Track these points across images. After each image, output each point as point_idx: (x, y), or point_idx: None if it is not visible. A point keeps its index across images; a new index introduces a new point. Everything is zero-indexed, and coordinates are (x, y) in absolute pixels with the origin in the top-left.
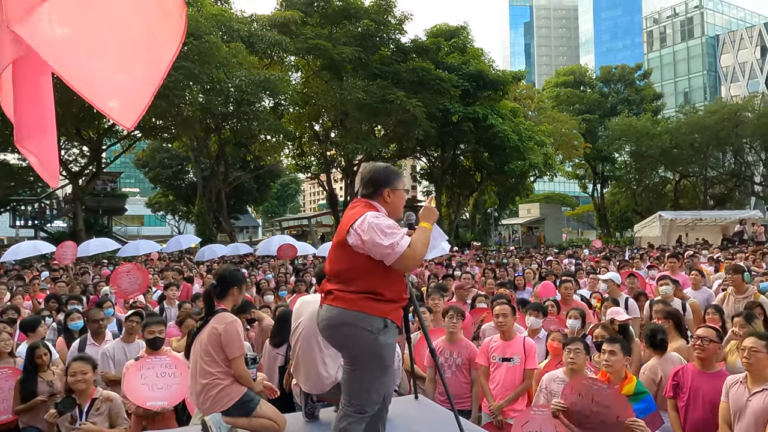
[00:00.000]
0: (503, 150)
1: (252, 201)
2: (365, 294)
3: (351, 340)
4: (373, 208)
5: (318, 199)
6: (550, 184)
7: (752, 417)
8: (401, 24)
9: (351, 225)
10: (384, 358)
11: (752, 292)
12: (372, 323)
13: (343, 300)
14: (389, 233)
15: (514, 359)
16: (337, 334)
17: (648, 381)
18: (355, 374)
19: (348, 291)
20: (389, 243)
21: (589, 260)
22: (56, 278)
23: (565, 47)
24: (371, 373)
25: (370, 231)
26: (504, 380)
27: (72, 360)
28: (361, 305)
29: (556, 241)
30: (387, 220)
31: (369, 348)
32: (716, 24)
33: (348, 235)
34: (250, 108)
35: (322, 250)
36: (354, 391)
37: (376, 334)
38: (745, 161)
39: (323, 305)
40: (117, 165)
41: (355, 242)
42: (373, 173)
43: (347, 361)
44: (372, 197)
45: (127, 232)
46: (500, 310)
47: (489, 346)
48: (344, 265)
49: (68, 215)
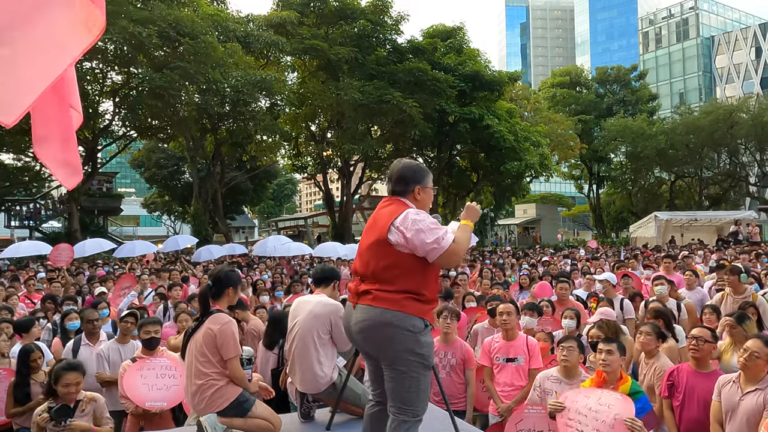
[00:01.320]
0: (499, 150)
1: (248, 201)
2: (407, 294)
3: (392, 340)
4: (405, 205)
5: (314, 200)
6: (546, 185)
7: (744, 416)
8: (397, 24)
9: (392, 222)
10: (425, 357)
11: (750, 292)
12: (414, 323)
13: (384, 300)
14: (434, 229)
15: (518, 359)
16: (378, 334)
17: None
18: (400, 378)
19: (389, 291)
20: (434, 238)
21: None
22: (52, 279)
23: (561, 48)
24: (417, 374)
25: (414, 227)
26: (510, 380)
27: (63, 370)
28: (404, 305)
29: (552, 242)
30: (429, 217)
31: (411, 348)
32: (711, 25)
33: (389, 232)
34: (246, 108)
35: (319, 251)
36: (404, 396)
37: (417, 335)
38: (739, 162)
39: (358, 305)
40: (113, 165)
41: (398, 240)
42: (404, 171)
43: (387, 363)
44: (403, 195)
45: (122, 233)
46: (504, 309)
47: (491, 347)
48: (384, 264)
49: (63, 215)
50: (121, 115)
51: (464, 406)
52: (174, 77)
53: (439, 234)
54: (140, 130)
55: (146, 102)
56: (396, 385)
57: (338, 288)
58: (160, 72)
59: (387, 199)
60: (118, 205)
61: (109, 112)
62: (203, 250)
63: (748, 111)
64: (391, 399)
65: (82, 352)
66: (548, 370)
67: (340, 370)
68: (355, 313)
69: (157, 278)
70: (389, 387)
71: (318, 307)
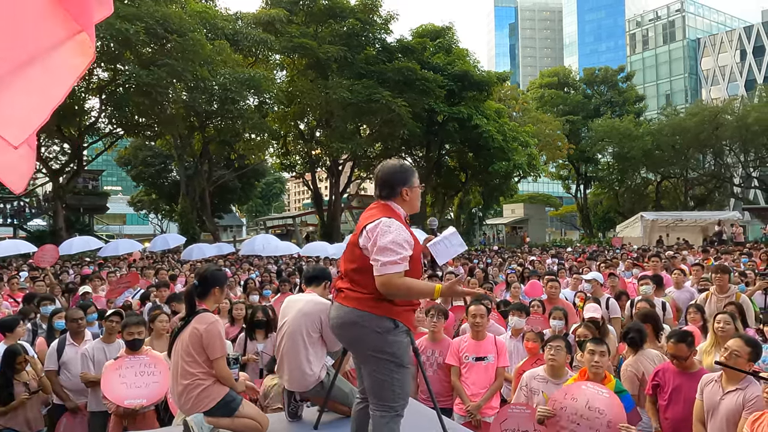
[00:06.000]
0: (488, 150)
1: (236, 200)
2: (373, 295)
3: (360, 339)
4: (390, 210)
5: (303, 199)
6: (534, 185)
7: (724, 415)
8: (387, 24)
9: (364, 226)
10: (395, 354)
11: (734, 291)
12: (380, 324)
13: (354, 300)
14: (392, 250)
15: (488, 358)
16: (348, 332)
17: (632, 376)
18: (372, 375)
19: (357, 291)
20: (383, 258)
21: (572, 260)
22: (35, 278)
23: (549, 49)
24: (388, 372)
25: (379, 236)
26: (480, 379)
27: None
28: (372, 305)
29: (540, 241)
30: (401, 236)
31: (379, 347)
32: (697, 27)
33: (360, 236)
34: (234, 106)
35: (307, 250)
36: (379, 393)
37: (384, 335)
38: (724, 163)
39: (335, 302)
40: (99, 163)
41: (365, 244)
42: (389, 174)
43: (360, 361)
44: (390, 198)
45: (108, 231)
46: (476, 311)
47: (459, 346)
48: (355, 266)
49: (48, 213)
50: (108, 112)
51: (451, 404)
52: (161, 74)
53: (392, 258)
54: (127, 128)
55: (133, 99)
56: (371, 382)
57: (329, 288)
58: (148, 69)
59: (374, 204)
60: (104, 203)
61: (95, 109)
62: (194, 248)
63: (732, 113)
64: (369, 394)
65: (66, 352)
66: (535, 369)
67: (329, 369)
68: (331, 309)
69: (143, 277)
70: (366, 383)
71: (308, 305)
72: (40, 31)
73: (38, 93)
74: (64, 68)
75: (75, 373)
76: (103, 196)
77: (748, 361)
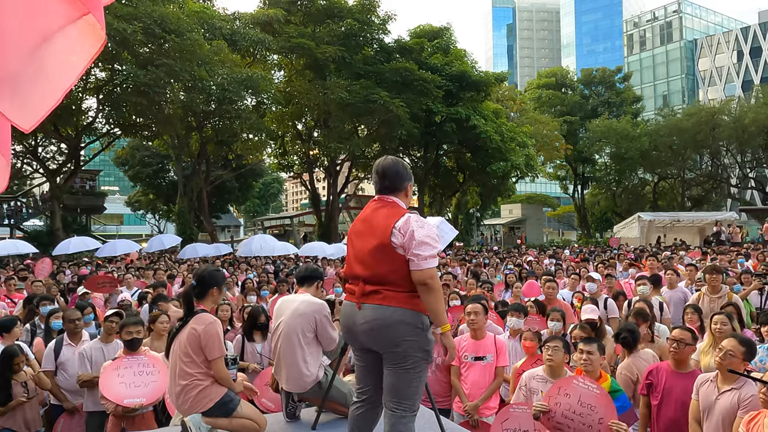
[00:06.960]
0: (485, 151)
1: (234, 200)
2: (413, 292)
3: (405, 337)
4: (399, 206)
5: (300, 199)
6: (531, 185)
7: (720, 415)
8: (385, 24)
9: (393, 225)
10: (429, 352)
11: (725, 292)
12: (422, 320)
13: (394, 299)
14: (429, 244)
15: (487, 357)
16: (391, 332)
17: (626, 380)
18: (405, 374)
19: (398, 291)
20: (426, 253)
21: (570, 261)
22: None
23: (547, 49)
24: (421, 370)
25: (415, 231)
26: (478, 379)
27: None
28: (413, 303)
29: (537, 242)
30: (432, 229)
31: (420, 344)
32: (694, 28)
33: (392, 236)
34: (232, 106)
35: (305, 250)
36: (405, 392)
37: (426, 331)
38: (721, 164)
39: (365, 305)
40: (96, 163)
41: (401, 242)
42: (398, 167)
43: (398, 360)
44: (395, 192)
45: (106, 231)
46: (472, 309)
47: (459, 346)
48: (389, 268)
49: (45, 213)
50: (105, 112)
51: (449, 404)
52: (159, 74)
53: (431, 252)
54: (124, 128)
55: (130, 99)
56: (398, 381)
57: (322, 288)
58: (145, 69)
59: (377, 200)
60: (101, 203)
61: (92, 109)
62: (189, 248)
63: (729, 114)
64: (390, 394)
65: (64, 353)
66: (534, 369)
67: (326, 369)
68: (362, 312)
69: (142, 277)
70: (389, 383)
71: (303, 306)
72: (49, 11)
73: (49, 77)
74: (74, 51)
75: (72, 374)
76: (100, 196)
77: (743, 361)
